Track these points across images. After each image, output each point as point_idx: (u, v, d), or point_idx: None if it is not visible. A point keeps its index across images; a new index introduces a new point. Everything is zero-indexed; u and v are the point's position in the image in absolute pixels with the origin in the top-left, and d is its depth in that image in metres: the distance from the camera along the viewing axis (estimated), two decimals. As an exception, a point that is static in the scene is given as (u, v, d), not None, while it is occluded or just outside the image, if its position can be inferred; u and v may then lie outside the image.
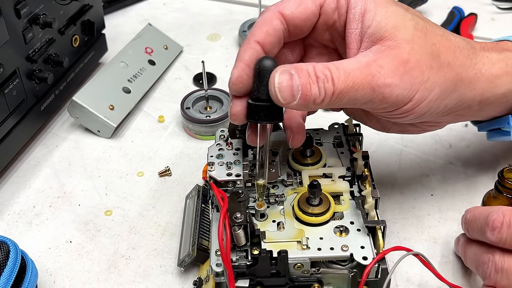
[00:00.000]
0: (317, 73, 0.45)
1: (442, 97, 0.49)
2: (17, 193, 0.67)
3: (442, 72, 0.49)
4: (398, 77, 0.46)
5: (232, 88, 0.49)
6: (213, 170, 0.54)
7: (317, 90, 0.45)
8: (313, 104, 0.46)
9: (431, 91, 0.48)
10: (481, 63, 0.52)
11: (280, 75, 0.45)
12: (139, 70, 0.79)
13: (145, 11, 0.98)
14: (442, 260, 0.57)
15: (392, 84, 0.46)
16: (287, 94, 0.45)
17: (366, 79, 0.46)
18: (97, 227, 0.62)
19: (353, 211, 0.52)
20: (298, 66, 0.46)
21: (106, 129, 0.73)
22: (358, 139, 0.59)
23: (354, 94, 0.46)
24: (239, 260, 0.48)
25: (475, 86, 0.51)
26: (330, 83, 0.45)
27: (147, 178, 0.68)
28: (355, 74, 0.46)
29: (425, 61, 0.48)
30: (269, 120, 0.48)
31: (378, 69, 0.46)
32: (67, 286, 0.56)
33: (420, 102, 0.48)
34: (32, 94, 0.69)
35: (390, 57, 0.47)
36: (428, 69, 0.48)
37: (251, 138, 0.52)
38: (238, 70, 0.48)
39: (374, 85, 0.46)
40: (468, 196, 0.63)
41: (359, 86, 0.46)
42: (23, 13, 0.64)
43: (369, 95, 0.46)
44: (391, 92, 0.47)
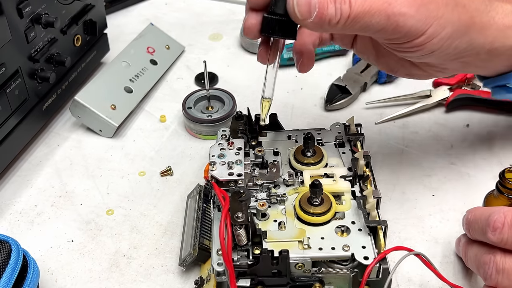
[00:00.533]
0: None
1: (454, 36, 0.50)
2: (19, 192, 0.67)
3: (457, 11, 0.49)
4: (414, 8, 0.47)
5: (251, 0, 0.49)
6: (215, 170, 0.54)
7: (333, 10, 0.46)
8: (328, 24, 0.47)
9: (444, 28, 0.49)
10: (495, 11, 0.52)
11: None
12: (141, 70, 0.79)
13: (147, 11, 0.98)
14: (443, 260, 0.57)
15: (407, 14, 0.47)
16: (304, 9, 0.46)
17: (382, 6, 0.46)
18: (99, 226, 0.62)
19: (355, 211, 0.52)
20: None
21: (108, 129, 0.73)
22: (360, 139, 0.59)
23: (369, 20, 0.47)
24: (240, 259, 0.48)
25: (486, 33, 0.52)
26: (347, 5, 0.46)
27: (148, 177, 0.68)
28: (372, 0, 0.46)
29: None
30: (282, 35, 0.49)
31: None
32: (69, 285, 0.57)
33: (432, 38, 0.49)
34: (34, 94, 0.69)
35: None
36: (444, 6, 0.48)
37: (261, 55, 0.52)
38: None
39: (390, 13, 0.46)
40: (469, 196, 0.63)
41: (375, 11, 0.46)
42: (25, 13, 0.64)
43: (384, 22, 0.47)
44: (405, 21, 0.47)
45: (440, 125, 0.73)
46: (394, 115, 0.73)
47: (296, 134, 0.61)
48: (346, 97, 0.76)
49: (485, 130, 0.71)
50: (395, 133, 0.72)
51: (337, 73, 0.80)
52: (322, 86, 0.78)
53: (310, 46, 0.57)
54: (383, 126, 0.73)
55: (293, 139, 0.61)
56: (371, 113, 0.75)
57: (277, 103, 0.76)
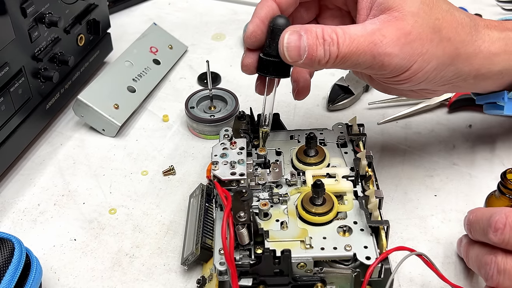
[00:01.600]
0: (325, 36, 0.48)
1: (439, 69, 0.52)
2: (22, 191, 0.67)
3: (441, 46, 0.51)
4: (399, 48, 0.49)
5: (246, 41, 0.53)
6: (217, 169, 0.54)
7: (322, 52, 0.49)
8: (318, 64, 0.50)
9: (429, 62, 0.51)
10: (481, 40, 0.54)
11: (289, 35, 0.49)
12: (143, 70, 0.80)
13: (150, 11, 0.98)
14: (445, 260, 0.57)
15: (392, 54, 0.49)
16: (294, 53, 0.49)
17: (368, 47, 0.48)
18: (101, 225, 0.62)
19: (357, 211, 0.52)
20: (308, 27, 0.49)
21: (110, 128, 0.73)
22: (362, 139, 0.59)
23: (356, 59, 0.49)
24: (242, 259, 0.48)
25: (472, 62, 0.54)
26: (335, 47, 0.48)
27: (151, 177, 0.68)
28: (359, 41, 0.48)
29: (426, 34, 0.50)
30: (276, 75, 0.53)
31: (381, 38, 0.49)
32: (71, 284, 0.57)
33: (417, 72, 0.51)
34: (37, 93, 0.69)
35: (394, 27, 0.49)
36: (428, 42, 0.50)
37: (259, 88, 0.56)
38: (253, 26, 0.52)
39: (375, 53, 0.49)
40: (471, 197, 0.63)
41: (361, 52, 0.49)
42: (29, 12, 0.64)
43: (370, 61, 0.49)
44: (390, 60, 0.49)
45: (442, 125, 0.73)
46: (397, 115, 0.74)
47: (298, 134, 0.61)
48: (349, 97, 0.76)
49: (487, 131, 0.71)
50: (398, 134, 0.72)
51: (340, 73, 0.80)
52: (324, 86, 0.78)
53: (306, 75, 0.59)
54: (386, 126, 0.73)
55: (296, 139, 0.61)
56: (373, 113, 0.75)
57: (280, 103, 0.76)
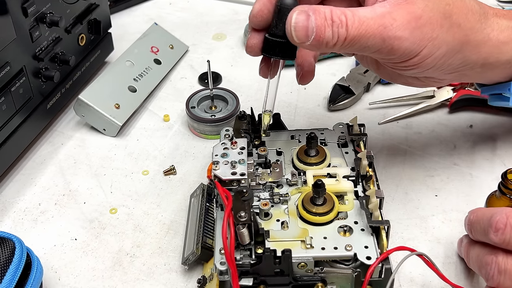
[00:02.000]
0: (333, 17, 0.47)
1: (448, 55, 0.51)
2: (23, 190, 0.67)
3: (451, 32, 0.50)
4: (409, 31, 0.48)
5: (252, 20, 0.51)
6: (218, 169, 0.54)
7: (330, 33, 0.47)
8: (325, 46, 0.48)
9: (438, 48, 0.50)
10: (490, 28, 0.53)
11: (297, 15, 0.47)
12: (144, 69, 0.80)
13: (151, 11, 0.98)
14: (445, 260, 0.57)
15: (402, 37, 0.48)
16: (301, 33, 0.47)
17: (378, 29, 0.47)
18: (102, 225, 0.63)
19: (357, 211, 0.52)
20: (317, 7, 0.47)
21: (111, 128, 0.73)
22: (363, 139, 0.59)
23: (365, 42, 0.48)
24: (243, 258, 0.48)
25: (480, 50, 0.53)
26: (344, 29, 0.47)
27: (152, 176, 0.68)
28: (368, 23, 0.47)
29: (437, 19, 0.49)
30: (282, 56, 0.51)
31: (391, 21, 0.47)
32: (72, 283, 0.57)
33: (426, 58, 0.50)
34: (38, 92, 0.69)
35: (404, 11, 0.48)
36: (438, 27, 0.49)
37: (263, 71, 0.55)
38: (259, 4, 0.50)
39: (385, 36, 0.47)
40: (472, 197, 0.63)
41: (371, 35, 0.47)
42: (30, 12, 0.64)
43: (379, 45, 0.48)
44: (400, 44, 0.48)
45: (443, 125, 0.73)
46: (397, 115, 0.74)
47: (299, 134, 0.61)
48: (350, 97, 0.76)
49: (488, 131, 0.71)
50: (398, 134, 0.72)
51: (341, 73, 0.80)
52: (325, 86, 0.78)
53: (311, 59, 0.58)
54: (386, 126, 0.73)
55: (296, 139, 0.61)
56: (374, 113, 0.75)
57: (280, 103, 0.76)
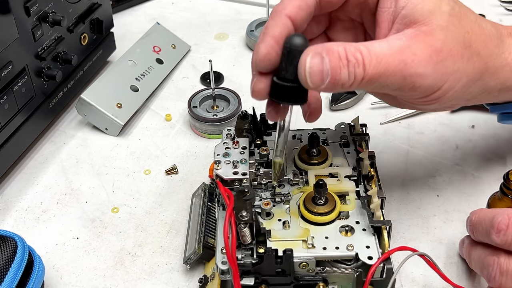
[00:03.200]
0: (348, 56, 0.43)
1: (468, 85, 0.49)
2: (25, 189, 0.67)
3: (471, 61, 0.48)
4: (431, 67, 0.45)
5: (258, 64, 0.46)
6: (220, 169, 0.55)
7: (347, 74, 0.44)
8: (341, 87, 0.45)
9: (459, 81, 0.47)
10: (508, 51, 0.51)
11: (311, 58, 0.43)
12: (147, 69, 0.80)
13: (153, 10, 0.98)
14: (447, 261, 0.57)
15: (424, 74, 0.45)
16: (317, 78, 0.44)
17: (398, 67, 0.44)
18: (104, 224, 0.63)
19: (359, 210, 0.52)
20: (330, 47, 0.44)
21: (113, 127, 0.73)
22: (365, 139, 0.59)
23: (384, 81, 0.45)
24: (244, 258, 0.48)
25: (499, 75, 0.51)
26: (361, 68, 0.44)
27: (153, 176, 0.68)
28: (387, 60, 0.44)
29: (457, 50, 0.46)
30: (294, 102, 0.47)
31: (412, 57, 0.44)
32: (74, 282, 0.57)
33: (447, 92, 0.47)
34: (40, 92, 0.69)
35: (424, 44, 0.45)
36: (459, 58, 0.47)
37: (271, 115, 0.50)
38: (266, 46, 0.45)
39: (407, 74, 0.45)
40: (474, 198, 0.63)
41: (391, 73, 0.44)
42: (32, 11, 0.64)
43: (400, 83, 0.45)
44: (422, 81, 0.45)
45: (445, 126, 0.73)
46: (399, 115, 0.73)
47: (301, 134, 0.61)
48: (352, 97, 0.76)
49: (490, 131, 0.71)
50: (400, 134, 0.72)
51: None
52: (327, 86, 0.78)
53: (317, 95, 0.53)
54: (388, 126, 0.73)
55: (298, 139, 0.61)
56: (376, 114, 0.75)
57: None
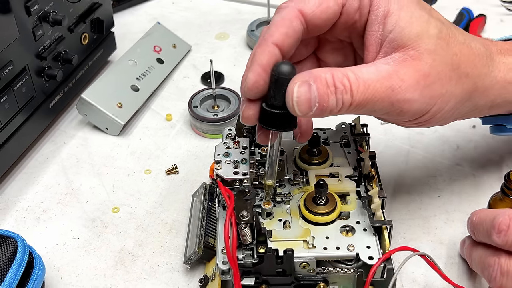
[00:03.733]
0: (336, 83, 0.44)
1: (457, 107, 0.49)
2: (25, 189, 0.67)
3: (460, 83, 0.48)
4: (419, 92, 0.46)
5: (247, 92, 0.47)
6: (220, 169, 0.54)
7: (334, 101, 0.44)
8: (329, 113, 0.45)
9: (447, 103, 0.48)
10: (497, 70, 0.51)
11: (298, 88, 0.44)
12: (147, 69, 0.80)
13: (154, 10, 0.98)
14: (448, 261, 0.57)
15: (412, 99, 0.46)
16: (305, 107, 0.44)
17: (385, 93, 0.45)
18: (104, 224, 0.63)
19: (360, 211, 0.52)
20: (317, 74, 0.44)
21: (114, 127, 0.73)
22: (365, 139, 0.59)
23: (372, 107, 0.45)
24: (245, 258, 0.48)
25: (488, 94, 0.51)
26: (348, 95, 0.44)
27: (154, 176, 0.68)
28: (375, 87, 0.45)
29: (445, 73, 0.47)
30: (283, 128, 0.47)
31: (399, 82, 0.45)
32: (74, 282, 0.57)
33: (436, 114, 0.48)
34: (41, 91, 0.69)
35: (412, 69, 0.46)
36: (447, 81, 0.47)
37: (261, 139, 0.50)
38: (254, 75, 0.46)
39: (394, 100, 0.45)
40: (475, 198, 0.63)
41: (378, 99, 0.45)
42: (33, 11, 0.64)
43: (387, 108, 0.46)
44: (410, 107, 0.46)
45: (446, 126, 0.72)
46: (400, 115, 0.73)
47: (301, 134, 0.61)
48: (352, 97, 0.76)
49: (491, 131, 0.71)
50: (401, 134, 0.72)
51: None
52: (328, 86, 0.78)
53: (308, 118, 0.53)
54: (389, 126, 0.73)
55: (299, 139, 0.61)
56: (377, 114, 0.75)
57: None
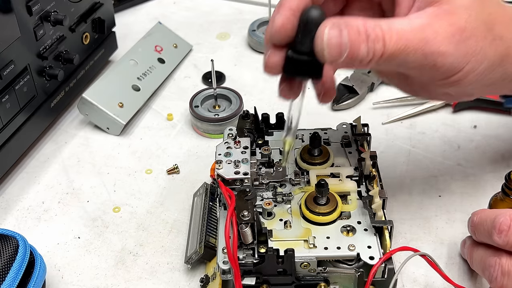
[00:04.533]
0: (368, 31, 0.42)
1: (489, 70, 0.47)
2: (27, 188, 0.67)
3: (494, 44, 0.46)
4: (453, 46, 0.43)
5: (273, 36, 0.44)
6: (221, 168, 0.54)
7: (366, 50, 0.42)
8: (359, 63, 0.43)
9: (481, 63, 0.46)
10: None
11: (330, 30, 0.42)
12: (148, 68, 0.80)
13: (155, 10, 0.98)
14: (448, 261, 0.57)
15: (446, 53, 0.43)
16: (335, 51, 0.42)
17: (419, 44, 0.43)
18: (105, 223, 0.63)
19: (360, 210, 0.52)
20: (349, 20, 0.42)
21: (115, 127, 0.73)
22: (366, 139, 0.59)
23: (404, 58, 0.43)
24: (246, 258, 0.48)
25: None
26: (380, 44, 0.42)
27: (155, 175, 0.68)
28: (408, 37, 0.42)
29: (480, 30, 0.45)
30: (309, 76, 0.45)
31: (433, 34, 0.43)
32: (75, 281, 0.57)
33: (469, 74, 0.46)
34: (42, 91, 0.69)
35: (446, 22, 0.43)
36: (482, 39, 0.45)
37: (284, 92, 0.48)
38: (283, 18, 0.43)
39: (428, 51, 0.43)
40: (476, 198, 0.63)
41: (411, 50, 0.43)
42: (34, 10, 0.64)
43: (420, 61, 0.44)
44: (444, 60, 0.44)
45: (447, 126, 0.73)
46: (401, 115, 0.73)
47: (302, 134, 0.61)
48: (353, 97, 0.76)
49: (493, 131, 0.71)
50: (402, 134, 0.72)
51: (345, 73, 0.80)
52: (329, 86, 0.78)
53: (331, 73, 0.51)
54: (390, 126, 0.73)
55: (300, 139, 0.61)
56: (378, 113, 0.75)
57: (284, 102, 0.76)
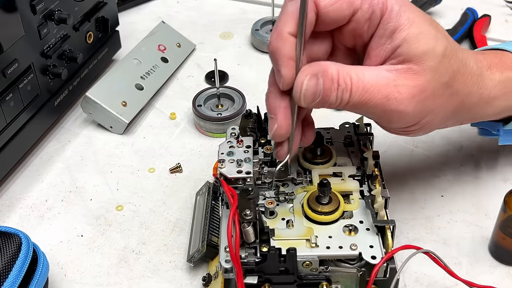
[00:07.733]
0: (339, 81, 0.46)
1: (444, 119, 0.52)
2: (30, 187, 0.67)
3: (450, 100, 0.50)
4: (412, 106, 0.47)
5: (276, 138, 0.51)
6: (224, 167, 0.55)
7: (335, 97, 0.47)
8: (328, 106, 0.48)
9: (437, 116, 0.50)
10: (485, 87, 0.53)
11: (308, 81, 0.46)
12: (152, 67, 0.80)
13: (159, 9, 0.99)
14: (451, 261, 0.57)
15: (404, 112, 0.48)
16: (310, 99, 0.47)
17: (381, 100, 0.47)
18: (108, 221, 0.63)
19: (363, 210, 0.52)
20: (325, 68, 0.47)
21: (118, 125, 0.74)
22: (369, 138, 0.59)
23: (366, 110, 0.48)
24: (248, 257, 0.48)
25: (473, 110, 0.54)
26: (347, 94, 0.47)
27: (158, 174, 0.68)
28: (372, 92, 0.47)
29: (439, 90, 0.49)
30: None
31: (395, 94, 0.47)
32: (78, 279, 0.57)
33: (424, 125, 0.50)
34: (46, 90, 0.70)
35: (411, 83, 0.47)
36: (439, 97, 0.49)
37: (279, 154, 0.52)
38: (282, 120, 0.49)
39: (387, 109, 0.47)
40: (478, 198, 0.63)
41: (373, 104, 0.47)
42: (38, 9, 0.64)
43: (380, 114, 0.48)
44: (400, 118, 0.48)
45: (450, 126, 0.73)
46: (404, 115, 0.73)
47: (305, 133, 0.61)
48: (356, 97, 0.76)
49: (495, 131, 0.71)
50: (405, 134, 0.72)
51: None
52: (332, 86, 0.78)
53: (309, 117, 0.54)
54: (393, 126, 0.73)
55: (302, 138, 0.61)
56: (381, 113, 0.75)
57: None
